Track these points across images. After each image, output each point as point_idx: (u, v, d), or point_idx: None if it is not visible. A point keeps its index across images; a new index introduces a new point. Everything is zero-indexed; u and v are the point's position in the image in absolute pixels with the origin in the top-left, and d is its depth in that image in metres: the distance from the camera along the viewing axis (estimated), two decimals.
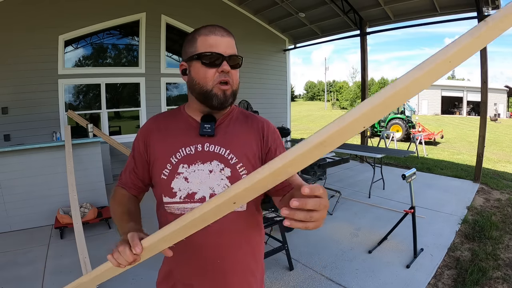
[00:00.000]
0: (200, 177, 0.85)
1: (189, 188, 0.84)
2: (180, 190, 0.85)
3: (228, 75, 0.83)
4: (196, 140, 0.87)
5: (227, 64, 0.82)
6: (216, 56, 0.81)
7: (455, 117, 28.57)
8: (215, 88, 0.83)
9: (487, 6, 5.01)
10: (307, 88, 73.48)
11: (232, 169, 0.86)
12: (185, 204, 0.85)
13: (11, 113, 5.11)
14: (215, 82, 0.82)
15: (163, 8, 6.46)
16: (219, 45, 0.81)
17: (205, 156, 0.86)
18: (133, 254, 0.65)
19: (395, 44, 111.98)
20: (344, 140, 0.45)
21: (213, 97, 0.83)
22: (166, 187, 0.85)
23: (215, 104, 0.84)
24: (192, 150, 0.86)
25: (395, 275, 2.55)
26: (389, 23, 6.77)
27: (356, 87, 43.74)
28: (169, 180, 0.85)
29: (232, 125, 0.92)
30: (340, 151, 5.29)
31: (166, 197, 0.86)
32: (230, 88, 0.85)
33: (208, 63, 0.81)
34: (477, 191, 4.86)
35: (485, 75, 5.06)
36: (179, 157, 0.86)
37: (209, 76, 0.82)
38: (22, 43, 5.06)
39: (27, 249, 3.07)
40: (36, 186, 3.62)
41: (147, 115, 6.56)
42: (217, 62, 0.81)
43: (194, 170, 0.85)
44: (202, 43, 0.82)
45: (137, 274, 2.60)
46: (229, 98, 0.85)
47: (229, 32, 0.86)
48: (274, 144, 0.93)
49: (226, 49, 0.82)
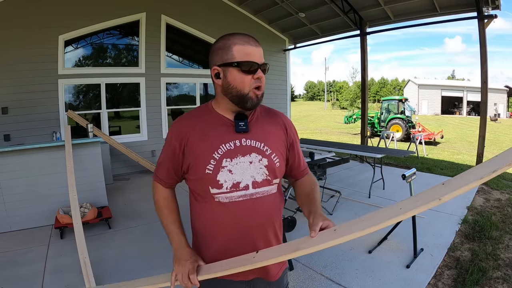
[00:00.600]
0: (242, 168, 0.98)
1: (233, 179, 0.97)
2: (226, 181, 0.97)
3: (261, 81, 0.96)
4: (233, 137, 0.99)
5: (261, 72, 0.95)
6: (253, 64, 0.93)
7: (455, 117, 28.58)
8: (250, 92, 0.96)
9: (487, 6, 5.01)
10: (307, 88, 73.51)
11: (268, 159, 1.01)
12: (231, 193, 0.97)
13: (11, 113, 5.11)
14: (251, 87, 0.95)
15: (163, 8, 6.46)
16: (255, 54, 0.94)
17: (244, 150, 0.99)
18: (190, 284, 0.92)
19: (395, 44, 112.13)
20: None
21: (248, 100, 0.96)
22: (212, 180, 0.97)
23: (249, 106, 0.97)
24: (232, 145, 0.98)
25: (395, 275, 2.55)
26: (389, 23, 6.77)
27: (356, 87, 43.73)
28: (215, 174, 0.96)
29: (261, 121, 1.06)
30: (340, 151, 5.29)
31: (213, 189, 0.98)
32: (261, 92, 0.99)
33: (246, 71, 0.94)
34: (477, 191, 4.86)
35: (485, 75, 5.06)
36: (221, 152, 0.97)
37: (247, 82, 0.95)
38: (22, 43, 5.07)
39: (27, 249, 3.07)
40: (36, 186, 3.62)
41: (147, 115, 6.56)
42: (252, 69, 0.94)
43: (236, 163, 0.97)
44: (239, 52, 0.93)
45: (137, 274, 2.60)
46: (260, 101, 1.00)
47: (259, 42, 0.99)
48: (293, 136, 1.13)
49: (260, 58, 0.96)
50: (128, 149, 5.94)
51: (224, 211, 0.98)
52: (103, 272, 2.62)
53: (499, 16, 5.05)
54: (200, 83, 7.42)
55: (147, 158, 6.40)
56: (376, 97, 49.06)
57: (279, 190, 1.09)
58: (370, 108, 16.79)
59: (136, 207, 4.34)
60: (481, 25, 5.02)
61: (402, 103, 13.88)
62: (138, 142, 6.47)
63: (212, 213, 1.00)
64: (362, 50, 7.00)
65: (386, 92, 50.46)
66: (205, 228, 1.04)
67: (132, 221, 3.84)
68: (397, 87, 49.96)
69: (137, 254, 2.99)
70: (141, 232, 3.51)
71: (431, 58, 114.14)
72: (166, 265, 2.76)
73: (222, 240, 1.00)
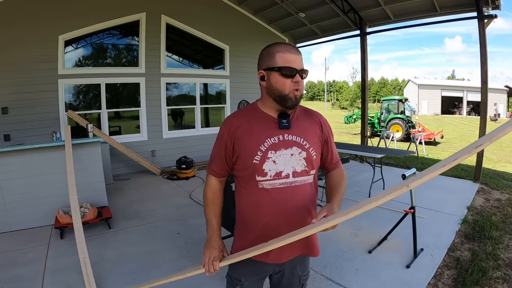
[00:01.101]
0: (284, 159, 1.13)
1: (276, 168, 1.13)
2: (270, 170, 1.13)
3: (299, 84, 1.11)
4: (277, 132, 1.15)
5: (299, 77, 1.10)
6: (292, 70, 1.09)
7: (455, 117, 28.57)
8: (290, 94, 1.10)
9: (487, 6, 5.00)
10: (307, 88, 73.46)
11: (307, 152, 1.17)
12: (274, 181, 1.13)
13: (11, 113, 5.11)
14: (291, 89, 1.10)
15: (163, 8, 6.46)
16: (294, 61, 1.09)
17: (287, 144, 1.14)
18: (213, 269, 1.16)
19: (395, 44, 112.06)
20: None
21: (288, 100, 1.11)
22: (259, 169, 1.13)
23: (289, 105, 1.13)
24: (276, 139, 1.14)
25: (395, 275, 2.55)
26: (389, 23, 6.77)
27: (356, 87, 43.74)
28: (261, 164, 1.12)
29: (300, 120, 1.21)
30: (340, 151, 5.29)
31: (259, 176, 1.14)
32: (300, 93, 1.12)
33: (287, 75, 1.09)
34: (477, 191, 4.86)
35: (485, 75, 5.05)
36: (267, 145, 1.13)
37: (287, 84, 1.10)
38: (22, 43, 5.06)
39: (27, 249, 3.07)
40: (36, 186, 3.62)
41: (147, 115, 6.56)
42: (292, 74, 1.09)
43: (279, 155, 1.13)
44: (281, 58, 1.09)
45: (137, 274, 2.60)
46: (299, 101, 1.15)
47: (299, 51, 1.14)
48: (328, 132, 1.27)
49: (299, 64, 1.10)
50: (128, 149, 5.94)
51: (266, 196, 1.14)
52: (103, 272, 2.62)
53: (499, 16, 5.05)
54: (200, 83, 7.42)
55: (147, 158, 6.40)
56: (376, 97, 49.08)
57: (315, 180, 1.23)
58: (370, 108, 16.78)
59: (136, 207, 4.34)
60: (481, 25, 5.01)
61: (402, 103, 13.87)
62: (138, 142, 6.47)
63: (255, 197, 1.15)
64: (362, 50, 6.99)
65: (386, 92, 50.48)
66: (249, 211, 1.19)
67: (132, 221, 3.84)
68: (397, 87, 49.98)
69: (137, 254, 2.99)
70: (141, 232, 3.51)
71: (431, 58, 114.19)
72: (166, 265, 2.76)
73: (263, 222, 1.15)
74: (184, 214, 4.01)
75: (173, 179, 5.88)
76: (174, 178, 5.92)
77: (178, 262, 2.81)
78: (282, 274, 1.27)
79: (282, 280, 1.28)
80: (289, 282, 1.29)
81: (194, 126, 7.40)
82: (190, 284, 2.40)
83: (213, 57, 7.75)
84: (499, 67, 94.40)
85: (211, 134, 7.31)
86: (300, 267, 1.29)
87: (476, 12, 5.08)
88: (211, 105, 7.92)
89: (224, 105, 7.98)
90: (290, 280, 1.28)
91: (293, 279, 1.29)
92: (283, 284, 1.29)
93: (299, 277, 1.29)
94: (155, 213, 4.11)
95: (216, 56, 7.71)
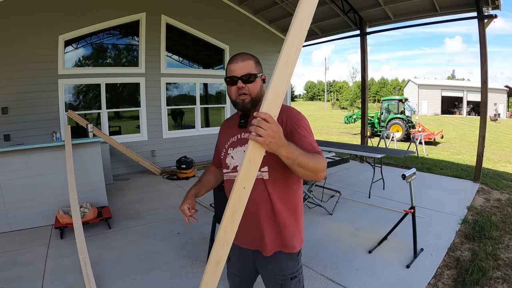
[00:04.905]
0: (239, 155, 1.28)
1: (234, 163, 1.29)
2: (230, 164, 1.30)
3: (244, 89, 1.20)
4: (237, 131, 1.30)
5: (241, 82, 1.20)
6: (232, 78, 1.21)
7: (455, 117, 28.57)
8: (237, 99, 1.23)
9: (487, 6, 5.00)
10: (307, 88, 73.52)
11: None
12: (232, 173, 1.30)
13: (11, 113, 5.11)
14: (236, 95, 1.22)
15: (163, 8, 6.46)
16: (235, 70, 1.21)
17: (242, 141, 1.27)
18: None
19: (395, 44, 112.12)
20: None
21: (237, 104, 1.24)
22: (224, 163, 1.34)
23: (240, 108, 1.25)
24: (235, 138, 1.30)
25: (395, 275, 2.55)
26: (389, 23, 6.76)
27: (356, 87, 43.71)
28: (225, 158, 1.33)
29: None
30: (340, 151, 5.29)
31: (224, 169, 1.34)
32: (248, 96, 1.22)
33: (230, 83, 1.22)
34: (477, 191, 4.86)
35: (485, 75, 5.05)
36: (229, 143, 1.31)
37: (232, 91, 1.23)
38: (22, 43, 5.07)
39: (27, 249, 3.07)
40: (36, 186, 3.62)
41: (147, 115, 6.57)
42: (233, 81, 1.21)
43: (236, 151, 1.28)
44: (228, 69, 1.24)
45: (137, 274, 2.60)
46: (247, 104, 1.22)
47: (248, 58, 1.22)
48: (292, 125, 1.21)
49: (240, 71, 1.20)
50: (128, 149, 5.94)
51: (228, 186, 1.29)
52: (103, 272, 2.62)
53: (499, 16, 5.05)
54: (200, 83, 7.42)
55: (147, 158, 6.40)
56: (376, 97, 49.06)
57: (273, 178, 1.22)
58: (370, 108, 16.78)
59: (136, 207, 4.35)
60: (481, 25, 5.01)
61: (402, 103, 13.87)
62: (138, 142, 6.47)
63: (225, 186, 1.37)
64: (362, 50, 6.99)
65: (386, 92, 50.47)
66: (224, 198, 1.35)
67: (132, 221, 3.84)
68: (397, 87, 49.94)
69: (137, 254, 2.99)
70: (141, 232, 3.51)
71: (431, 58, 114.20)
72: (166, 265, 2.76)
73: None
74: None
75: (173, 179, 5.88)
76: (174, 178, 5.93)
77: (178, 262, 2.81)
78: (260, 268, 1.36)
79: (262, 274, 1.38)
80: (266, 277, 1.36)
81: (194, 126, 7.40)
82: (190, 284, 2.41)
83: (213, 57, 7.75)
84: (499, 67, 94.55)
85: (211, 134, 7.31)
86: (274, 265, 1.30)
87: (476, 12, 5.08)
88: (211, 105, 7.92)
89: (224, 105, 7.98)
90: (265, 275, 1.36)
91: (268, 276, 1.34)
92: (264, 278, 1.38)
93: (275, 275, 1.30)
94: (155, 213, 4.11)
95: (216, 56, 7.71)
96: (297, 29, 0.93)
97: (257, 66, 1.24)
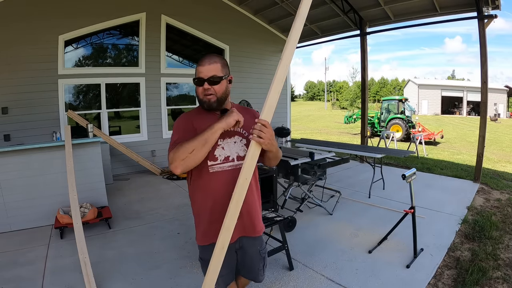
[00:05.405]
0: (230, 146, 1.37)
1: (225, 154, 1.37)
2: (220, 155, 1.36)
3: (209, 90, 1.32)
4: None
5: (207, 84, 1.31)
6: (199, 79, 1.32)
7: (455, 117, 28.57)
8: (204, 98, 1.35)
9: (487, 6, 5.00)
10: (307, 88, 73.49)
11: (246, 139, 1.40)
12: (223, 164, 1.36)
13: (11, 113, 5.11)
14: (202, 94, 1.34)
15: (163, 8, 6.46)
16: (202, 71, 1.31)
17: (230, 133, 1.36)
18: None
19: (395, 44, 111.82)
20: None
21: (204, 103, 1.36)
22: (211, 155, 1.33)
23: (206, 107, 1.37)
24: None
25: (395, 275, 2.55)
26: (389, 23, 6.76)
27: (356, 87, 43.70)
28: (213, 150, 1.33)
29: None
30: (340, 151, 5.29)
31: (210, 161, 1.34)
32: (214, 96, 1.33)
33: (198, 83, 1.34)
34: (477, 191, 4.86)
35: (485, 75, 5.05)
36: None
37: (199, 91, 1.35)
38: (22, 43, 5.07)
39: (27, 249, 3.07)
40: (36, 186, 3.62)
41: (147, 115, 6.57)
42: (200, 82, 1.32)
43: (226, 142, 1.37)
44: (196, 71, 1.33)
45: (137, 274, 2.60)
46: (213, 103, 1.34)
47: (215, 61, 1.32)
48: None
49: (206, 73, 1.31)
50: (128, 149, 5.94)
51: (216, 179, 1.35)
52: (103, 272, 2.62)
53: (499, 16, 5.05)
54: None
55: (147, 158, 6.40)
56: (376, 97, 49.05)
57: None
58: (370, 108, 16.78)
59: (136, 207, 4.35)
60: (481, 25, 5.01)
61: (402, 103, 13.87)
62: (138, 142, 6.47)
63: (205, 181, 1.36)
64: (362, 50, 6.99)
65: (386, 92, 50.45)
66: (200, 196, 1.40)
67: (132, 221, 3.84)
68: (397, 87, 49.92)
69: (137, 254, 2.99)
70: (141, 232, 3.51)
71: (431, 58, 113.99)
72: (166, 265, 2.76)
73: (211, 202, 1.36)
74: (184, 214, 4.01)
75: (173, 179, 5.88)
76: (174, 178, 5.92)
77: (178, 262, 2.81)
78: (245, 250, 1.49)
79: (247, 255, 1.51)
80: (251, 255, 1.51)
81: None
82: (190, 284, 2.41)
83: None
84: (499, 67, 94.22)
85: None
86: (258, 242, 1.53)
87: (476, 12, 5.08)
88: None
89: None
90: (251, 253, 1.51)
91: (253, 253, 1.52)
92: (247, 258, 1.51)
93: (259, 251, 1.54)
94: (155, 213, 4.11)
95: None
96: (282, 75, 1.24)
97: (224, 68, 1.34)
